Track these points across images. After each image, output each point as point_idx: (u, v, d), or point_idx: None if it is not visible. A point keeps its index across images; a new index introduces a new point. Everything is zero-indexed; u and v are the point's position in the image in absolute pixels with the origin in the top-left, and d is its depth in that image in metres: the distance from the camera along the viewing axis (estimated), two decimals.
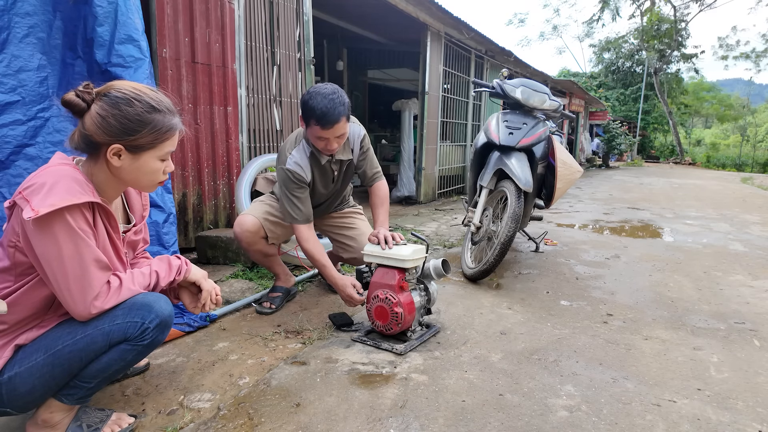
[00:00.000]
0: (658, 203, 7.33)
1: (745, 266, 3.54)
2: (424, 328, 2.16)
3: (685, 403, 1.65)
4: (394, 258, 2.01)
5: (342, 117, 1.97)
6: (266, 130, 3.83)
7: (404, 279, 2.02)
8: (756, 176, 16.71)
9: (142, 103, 1.23)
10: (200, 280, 1.47)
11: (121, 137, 1.21)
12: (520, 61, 9.33)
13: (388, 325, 2.00)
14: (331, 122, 1.95)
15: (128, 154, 1.24)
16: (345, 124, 2.03)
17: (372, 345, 2.04)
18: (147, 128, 1.23)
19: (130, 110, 1.21)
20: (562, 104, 3.24)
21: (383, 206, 2.31)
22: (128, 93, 1.22)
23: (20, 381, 1.20)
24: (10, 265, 1.21)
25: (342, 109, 1.96)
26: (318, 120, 1.95)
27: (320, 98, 1.94)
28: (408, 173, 6.69)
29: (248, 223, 2.29)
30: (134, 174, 1.28)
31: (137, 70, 2.02)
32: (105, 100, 1.21)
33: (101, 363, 1.26)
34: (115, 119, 1.20)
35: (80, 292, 1.18)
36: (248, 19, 3.56)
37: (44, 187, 1.13)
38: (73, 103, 1.20)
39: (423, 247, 2.09)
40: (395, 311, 1.95)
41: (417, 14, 5.69)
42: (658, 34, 25.10)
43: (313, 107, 1.94)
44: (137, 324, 1.25)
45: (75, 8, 1.94)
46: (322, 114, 1.93)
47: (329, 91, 1.96)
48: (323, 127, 1.97)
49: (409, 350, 1.99)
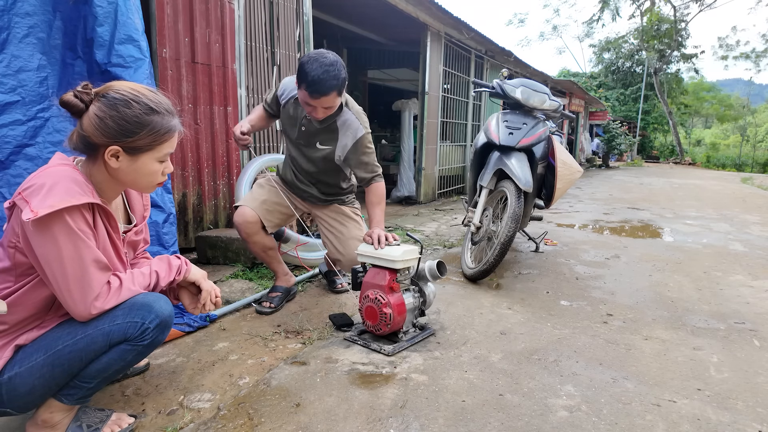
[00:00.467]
0: (658, 203, 7.33)
1: (745, 266, 3.54)
2: (417, 330, 2.14)
3: (685, 403, 1.65)
4: (384, 258, 2.00)
5: (332, 91, 1.95)
6: (266, 131, 3.83)
7: (395, 280, 2.01)
8: (756, 176, 16.72)
9: (141, 104, 1.22)
10: (200, 280, 1.47)
11: (118, 139, 1.20)
12: (520, 61, 9.33)
13: (377, 326, 1.99)
14: (319, 93, 1.94)
15: (126, 156, 1.23)
16: (334, 98, 2.00)
17: (362, 345, 2.03)
18: (145, 130, 1.22)
19: (128, 112, 1.20)
20: (562, 104, 3.24)
21: (379, 206, 2.28)
22: (126, 94, 1.21)
23: (20, 381, 1.20)
24: (10, 265, 1.21)
25: (335, 83, 1.94)
26: (308, 86, 1.94)
27: (316, 65, 1.91)
28: (408, 173, 6.70)
29: (247, 213, 2.33)
30: (132, 176, 1.27)
31: (137, 70, 2.02)
32: (103, 101, 1.20)
33: (101, 363, 1.26)
34: (113, 121, 1.19)
35: (80, 292, 1.18)
36: (248, 19, 3.56)
37: (43, 188, 1.12)
38: (71, 104, 1.19)
39: (415, 247, 2.07)
40: (384, 312, 1.94)
41: (417, 14, 5.69)
42: (658, 34, 25.10)
43: (307, 72, 1.92)
44: (137, 324, 1.25)
45: (75, 8, 1.94)
46: (312, 81, 1.92)
47: (328, 62, 1.93)
48: (311, 95, 1.96)
49: (398, 352, 1.96)
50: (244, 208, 2.34)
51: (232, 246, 3.03)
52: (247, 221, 2.32)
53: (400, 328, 2.04)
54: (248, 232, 2.34)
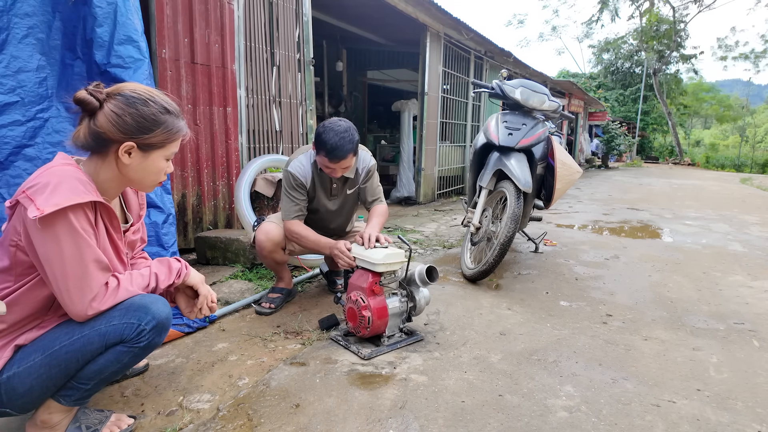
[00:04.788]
0: (657, 204, 7.34)
1: (744, 267, 3.55)
2: (403, 335, 2.09)
3: (685, 404, 1.65)
4: (366, 260, 1.99)
5: (349, 153, 2.16)
6: (266, 131, 3.83)
7: (378, 283, 1.97)
8: (755, 177, 16.73)
9: (157, 104, 1.28)
10: (198, 284, 1.48)
11: (135, 135, 1.25)
12: (519, 62, 9.34)
13: (357, 328, 1.97)
14: (338, 157, 2.14)
15: (139, 153, 1.28)
16: (351, 158, 2.20)
17: (343, 345, 2.02)
18: (160, 128, 1.28)
19: (146, 110, 1.25)
20: (561, 105, 3.24)
21: (378, 217, 2.38)
22: (143, 94, 1.27)
23: (18, 381, 1.20)
24: (10, 264, 1.21)
25: (350, 147, 2.14)
26: (327, 153, 2.14)
27: (332, 134, 2.11)
28: (407, 174, 6.70)
29: (273, 232, 2.36)
30: (141, 173, 1.31)
31: (136, 70, 2.02)
32: (120, 99, 1.24)
33: (98, 364, 1.26)
34: (132, 117, 1.23)
35: (79, 292, 1.18)
36: (248, 20, 3.56)
37: (48, 186, 1.14)
38: (86, 101, 1.21)
39: (401, 251, 2.02)
40: (363, 314, 1.92)
41: (416, 15, 5.70)
42: (657, 35, 25.11)
43: (325, 141, 2.12)
44: (133, 325, 1.25)
45: (74, 9, 1.94)
46: (331, 149, 2.12)
47: (342, 129, 2.14)
48: (331, 160, 2.16)
49: (375, 356, 1.93)
50: (271, 225, 2.38)
51: (232, 247, 3.03)
52: (270, 239, 2.35)
53: (383, 332, 2.01)
54: (269, 250, 2.38)
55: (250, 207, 3.22)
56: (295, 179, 2.30)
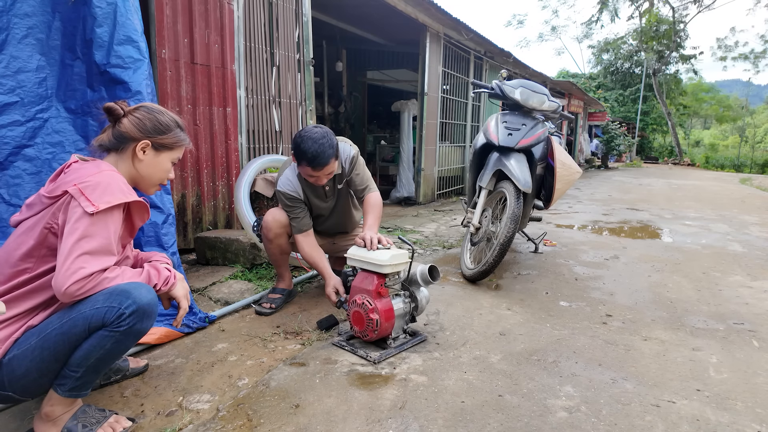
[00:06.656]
0: (657, 204, 7.34)
1: (744, 267, 3.55)
2: (407, 336, 2.08)
3: (685, 404, 1.65)
4: (371, 262, 1.96)
5: (331, 159, 2.16)
6: (265, 131, 3.83)
7: (383, 285, 1.95)
8: (755, 177, 16.73)
9: (170, 117, 1.58)
10: (180, 299, 1.52)
11: (152, 135, 1.51)
12: (519, 62, 9.34)
13: (364, 332, 1.95)
14: (321, 164, 2.14)
15: (152, 151, 1.52)
16: (334, 163, 2.20)
17: (349, 350, 1.99)
18: (172, 133, 1.56)
19: (161, 117, 1.55)
20: (561, 105, 3.24)
21: (373, 212, 2.36)
22: (159, 108, 1.57)
23: (17, 363, 1.27)
24: (34, 245, 1.31)
25: (331, 152, 2.15)
26: (309, 162, 2.14)
27: (311, 143, 2.11)
28: (407, 174, 6.70)
29: (280, 216, 2.41)
30: (151, 169, 1.53)
31: (136, 71, 2.02)
32: (143, 110, 1.52)
33: (83, 350, 1.30)
34: (150, 122, 1.51)
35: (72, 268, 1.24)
36: (247, 20, 3.56)
37: (100, 185, 1.32)
38: (114, 110, 1.48)
39: (405, 252, 2.01)
40: (371, 317, 1.90)
41: (416, 15, 5.70)
42: (656, 35, 25.12)
43: (305, 150, 2.12)
44: (114, 309, 1.28)
45: (74, 9, 1.94)
46: (313, 157, 2.12)
47: (319, 135, 2.13)
48: (314, 169, 2.16)
49: (384, 359, 1.91)
50: (276, 209, 2.44)
51: (232, 247, 3.03)
52: (277, 220, 2.39)
53: (389, 335, 1.99)
54: (276, 233, 2.41)
55: (250, 207, 3.22)
56: (286, 196, 2.35)
